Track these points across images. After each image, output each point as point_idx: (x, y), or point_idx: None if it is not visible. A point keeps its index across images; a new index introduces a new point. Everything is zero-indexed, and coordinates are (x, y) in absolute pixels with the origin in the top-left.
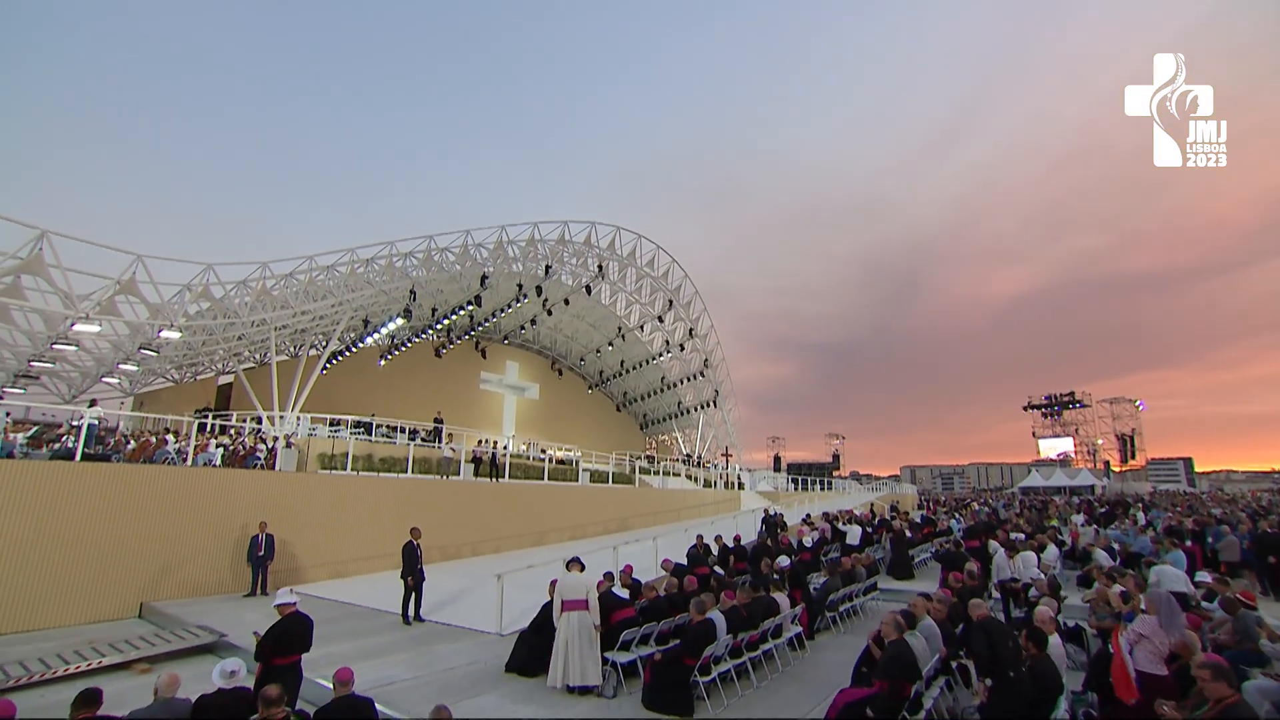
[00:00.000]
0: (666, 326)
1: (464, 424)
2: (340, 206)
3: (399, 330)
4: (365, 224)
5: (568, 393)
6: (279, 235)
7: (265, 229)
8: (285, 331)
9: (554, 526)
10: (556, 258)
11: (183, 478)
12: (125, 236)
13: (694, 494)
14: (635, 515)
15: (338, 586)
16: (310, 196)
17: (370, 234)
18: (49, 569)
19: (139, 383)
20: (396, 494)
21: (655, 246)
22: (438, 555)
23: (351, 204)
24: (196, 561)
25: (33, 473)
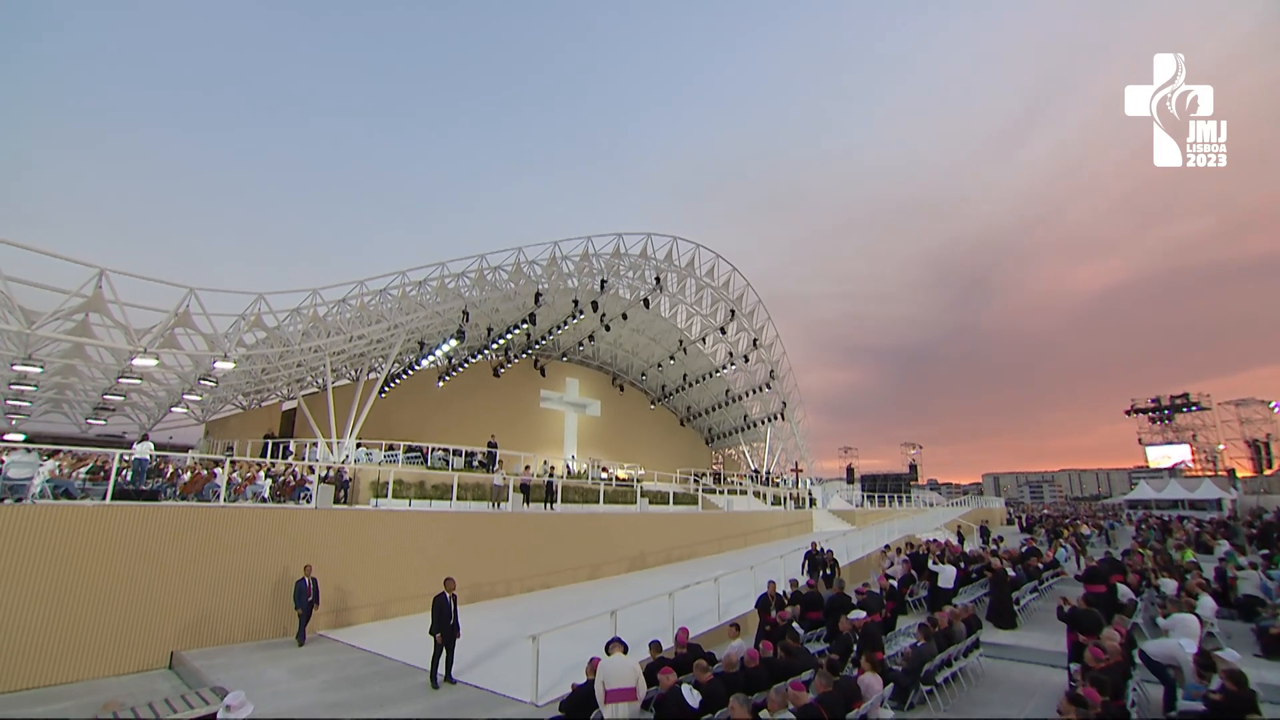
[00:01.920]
0: (729, 338)
1: (525, 443)
2: (396, 230)
3: (455, 351)
4: (420, 247)
5: (630, 409)
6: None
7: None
8: (341, 357)
9: (611, 558)
10: (612, 271)
11: (219, 518)
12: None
13: (762, 516)
14: (699, 542)
15: (377, 632)
16: (367, 221)
17: (425, 257)
18: (76, 617)
19: (209, 410)
20: (443, 528)
21: (714, 255)
22: (486, 592)
23: (407, 228)
24: (232, 606)
25: (61, 517)
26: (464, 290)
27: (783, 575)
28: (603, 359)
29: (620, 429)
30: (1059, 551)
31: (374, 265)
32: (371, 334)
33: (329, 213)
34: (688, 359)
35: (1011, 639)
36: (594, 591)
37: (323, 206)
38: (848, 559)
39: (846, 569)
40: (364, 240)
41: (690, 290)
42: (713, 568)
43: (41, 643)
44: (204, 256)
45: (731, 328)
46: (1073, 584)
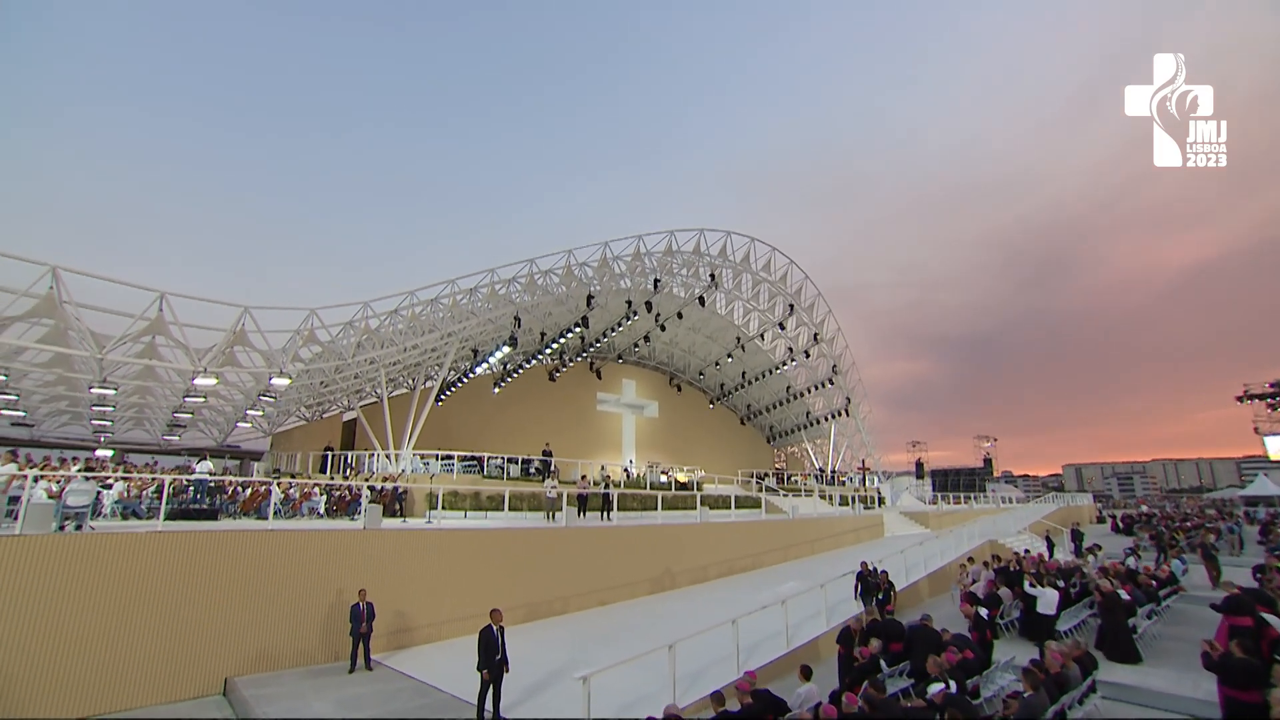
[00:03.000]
0: (789, 333)
1: (584, 448)
2: (447, 239)
3: (509, 357)
4: (471, 255)
5: (688, 409)
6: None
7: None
8: (396, 367)
9: (671, 570)
10: (665, 270)
11: (271, 540)
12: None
13: (830, 522)
14: (764, 551)
15: (431, 656)
16: (416, 232)
17: (476, 265)
18: (133, 643)
19: (274, 423)
20: (496, 545)
21: (770, 249)
22: (542, 611)
23: (457, 236)
24: (284, 631)
25: (118, 543)
26: (515, 296)
27: (856, 602)
28: (659, 359)
29: (679, 430)
30: (1173, 563)
31: (424, 275)
32: (424, 344)
33: (380, 224)
34: (746, 356)
35: (1134, 677)
36: (653, 608)
37: (374, 219)
38: (925, 570)
39: (924, 581)
40: (414, 251)
41: (747, 286)
42: (779, 578)
43: (98, 670)
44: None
45: (790, 323)
46: (1196, 602)
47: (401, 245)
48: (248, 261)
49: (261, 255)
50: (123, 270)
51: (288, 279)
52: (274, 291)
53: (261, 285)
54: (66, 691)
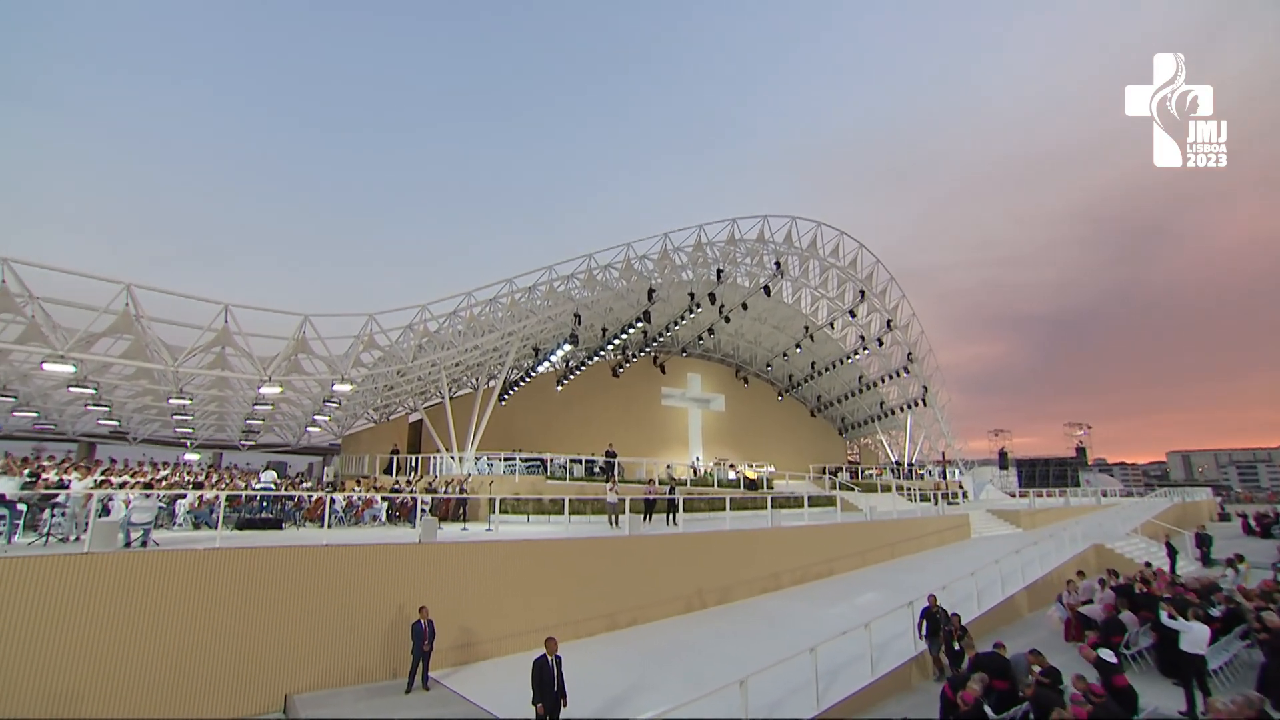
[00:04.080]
0: (860, 320)
1: (649, 444)
2: (504, 239)
3: (571, 354)
4: (529, 254)
5: (756, 401)
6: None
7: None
8: (459, 368)
9: (741, 579)
10: (728, 259)
11: (330, 555)
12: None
13: (911, 524)
14: (839, 557)
15: (490, 675)
16: (474, 233)
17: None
18: (196, 659)
19: (344, 425)
20: (556, 556)
21: (838, 233)
22: (606, 624)
23: (515, 236)
24: (343, 646)
25: (179, 560)
26: (574, 292)
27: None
28: (724, 351)
29: (747, 423)
30: None
31: (480, 276)
32: (485, 344)
33: (438, 227)
34: (815, 346)
35: None
36: (721, 621)
37: (432, 221)
38: (1023, 582)
39: (1022, 594)
40: (466, 250)
41: (814, 272)
42: (856, 588)
43: (162, 685)
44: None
45: (861, 310)
46: None
47: (456, 246)
48: (315, 268)
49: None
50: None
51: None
52: (334, 293)
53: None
54: (132, 706)
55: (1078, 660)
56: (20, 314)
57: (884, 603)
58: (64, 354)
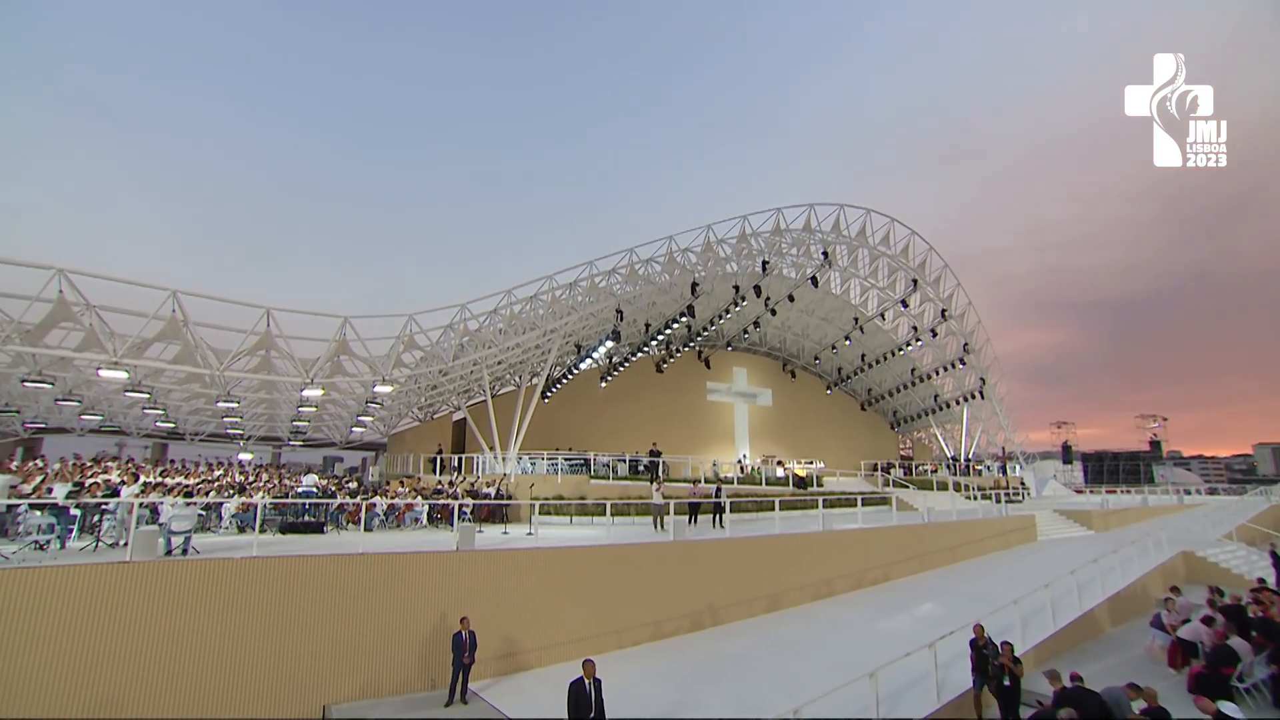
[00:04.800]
0: (912, 310)
1: (695, 440)
2: (543, 234)
3: (614, 350)
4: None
5: (804, 395)
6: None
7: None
8: (501, 366)
9: (792, 586)
10: (774, 250)
11: (369, 563)
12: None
13: (971, 527)
14: (896, 561)
15: (530, 688)
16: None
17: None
18: (235, 668)
19: (389, 424)
20: (598, 563)
21: (888, 220)
22: (650, 633)
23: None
24: (381, 656)
25: (218, 569)
26: (615, 288)
27: (1019, 627)
28: (771, 344)
29: (795, 418)
30: None
31: (519, 274)
32: (526, 342)
33: (478, 226)
34: (865, 338)
35: None
36: (770, 632)
37: (472, 220)
38: (1102, 594)
39: (1103, 607)
40: (511, 250)
41: (864, 262)
42: (914, 595)
43: (202, 693)
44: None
45: (914, 299)
46: None
47: (496, 244)
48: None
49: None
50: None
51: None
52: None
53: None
54: (171, 714)
55: (1179, 691)
56: (78, 323)
57: (946, 615)
58: (117, 360)
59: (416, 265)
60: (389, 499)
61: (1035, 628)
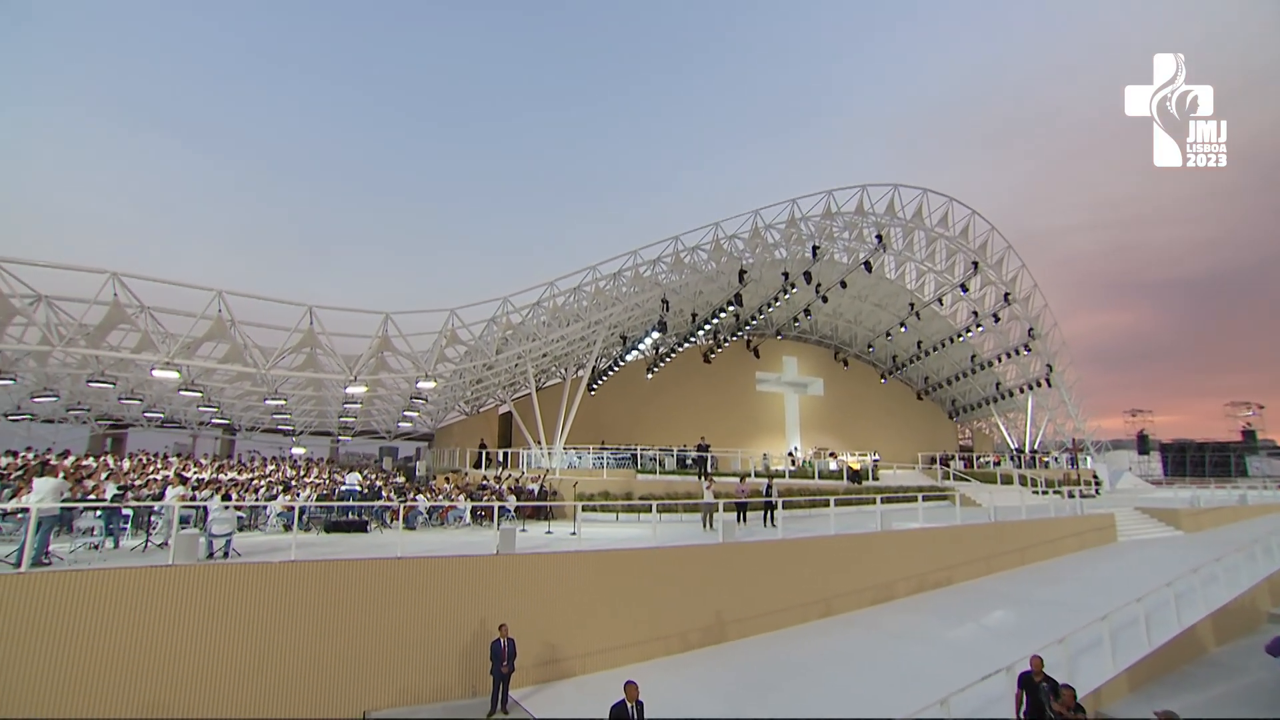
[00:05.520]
0: (972, 295)
1: (744, 432)
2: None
3: (661, 341)
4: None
5: (857, 384)
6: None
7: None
8: (545, 360)
9: (848, 590)
10: (824, 235)
11: (408, 568)
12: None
13: (1043, 526)
14: (960, 563)
15: (571, 698)
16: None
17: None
18: (271, 672)
19: (436, 418)
20: (644, 566)
21: (946, 200)
22: (696, 640)
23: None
24: (422, 663)
25: (256, 573)
26: (660, 277)
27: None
28: (822, 332)
29: (847, 408)
30: None
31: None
32: (570, 334)
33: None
34: (921, 324)
35: None
36: (826, 640)
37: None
38: (1205, 609)
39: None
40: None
41: (920, 244)
42: (983, 601)
43: (241, 698)
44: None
45: (974, 283)
46: None
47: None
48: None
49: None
50: None
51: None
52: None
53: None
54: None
55: None
56: (134, 324)
57: (1020, 625)
58: (170, 360)
59: (457, 259)
60: (432, 498)
61: (1127, 646)
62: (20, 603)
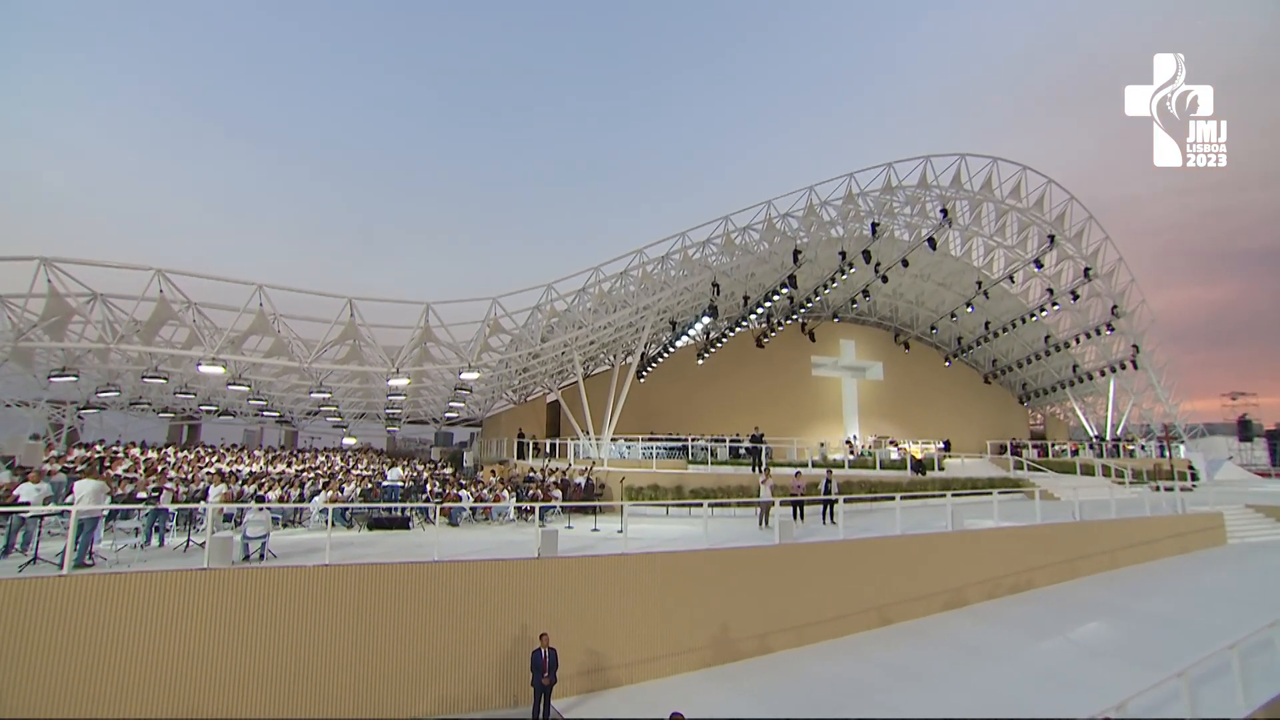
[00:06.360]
0: (1047, 271)
1: (799, 419)
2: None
3: (712, 326)
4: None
5: (919, 368)
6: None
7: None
8: (592, 347)
9: (915, 595)
10: (884, 210)
11: (446, 571)
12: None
13: (1137, 526)
14: (1039, 566)
15: (613, 708)
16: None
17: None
18: (307, 677)
19: (484, 407)
20: (694, 569)
21: (1018, 169)
22: (747, 649)
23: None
24: (460, 670)
25: (292, 577)
26: (711, 259)
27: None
28: (881, 314)
29: (908, 393)
30: None
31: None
32: (617, 321)
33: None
34: (989, 303)
35: None
36: (899, 650)
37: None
38: None
39: None
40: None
41: (989, 218)
42: (1071, 610)
43: (277, 704)
44: None
45: (1050, 258)
46: None
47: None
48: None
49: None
50: None
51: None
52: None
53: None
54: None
55: None
56: (181, 320)
57: (1123, 642)
58: (215, 356)
59: (510, 249)
60: (476, 493)
61: (1263, 677)
62: (61, 605)
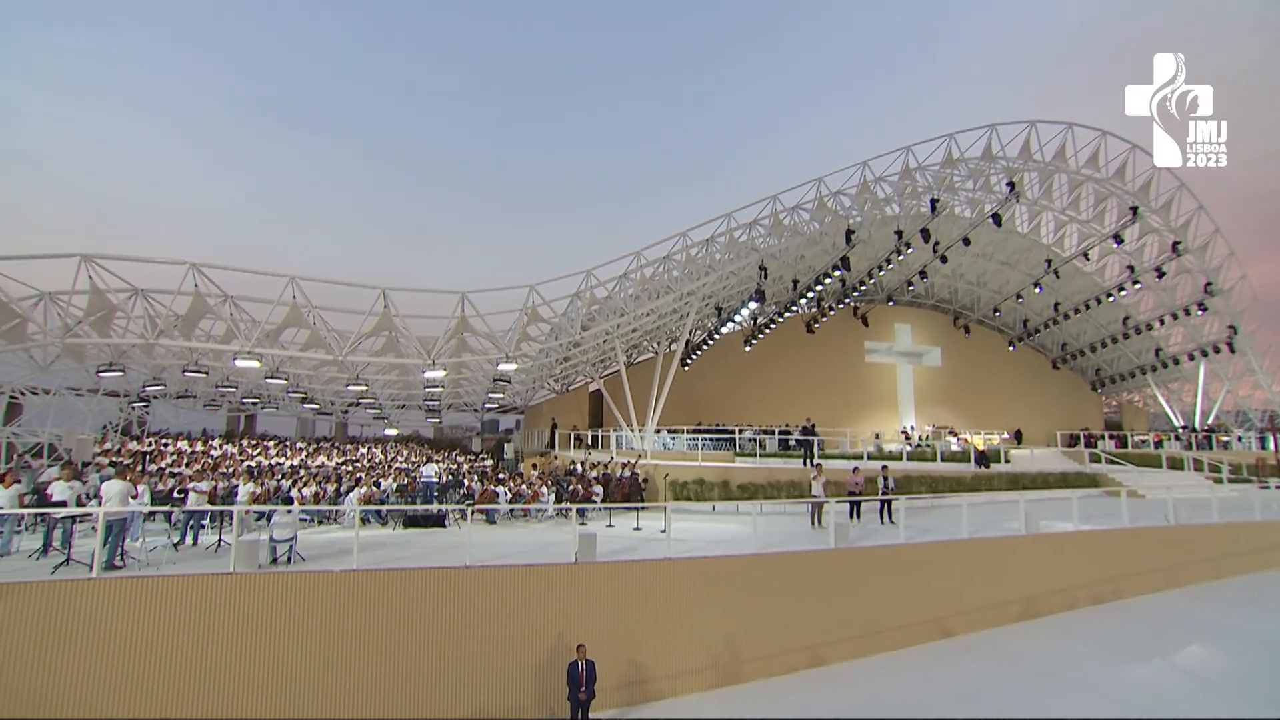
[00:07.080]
0: (1128, 247)
1: (851, 408)
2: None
3: (759, 311)
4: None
5: (980, 353)
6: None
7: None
8: (635, 335)
9: (983, 604)
10: (944, 185)
11: (476, 577)
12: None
13: (1244, 531)
14: (1122, 575)
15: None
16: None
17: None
18: (333, 684)
19: (525, 397)
20: (741, 575)
21: (1097, 134)
22: (804, 659)
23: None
24: (493, 681)
25: (319, 582)
26: (758, 241)
27: None
28: (939, 296)
29: (968, 380)
30: None
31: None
32: (660, 307)
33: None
34: (1060, 283)
35: None
36: (966, 666)
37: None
38: None
39: None
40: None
41: (1060, 190)
42: (1168, 628)
43: (300, 710)
44: None
45: (1131, 233)
46: None
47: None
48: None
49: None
50: None
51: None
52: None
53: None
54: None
55: None
56: (218, 314)
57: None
58: (250, 349)
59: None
60: (515, 488)
61: None
62: (90, 608)
